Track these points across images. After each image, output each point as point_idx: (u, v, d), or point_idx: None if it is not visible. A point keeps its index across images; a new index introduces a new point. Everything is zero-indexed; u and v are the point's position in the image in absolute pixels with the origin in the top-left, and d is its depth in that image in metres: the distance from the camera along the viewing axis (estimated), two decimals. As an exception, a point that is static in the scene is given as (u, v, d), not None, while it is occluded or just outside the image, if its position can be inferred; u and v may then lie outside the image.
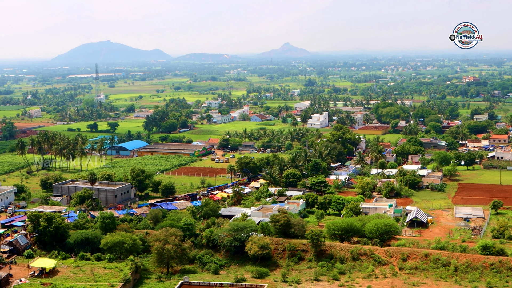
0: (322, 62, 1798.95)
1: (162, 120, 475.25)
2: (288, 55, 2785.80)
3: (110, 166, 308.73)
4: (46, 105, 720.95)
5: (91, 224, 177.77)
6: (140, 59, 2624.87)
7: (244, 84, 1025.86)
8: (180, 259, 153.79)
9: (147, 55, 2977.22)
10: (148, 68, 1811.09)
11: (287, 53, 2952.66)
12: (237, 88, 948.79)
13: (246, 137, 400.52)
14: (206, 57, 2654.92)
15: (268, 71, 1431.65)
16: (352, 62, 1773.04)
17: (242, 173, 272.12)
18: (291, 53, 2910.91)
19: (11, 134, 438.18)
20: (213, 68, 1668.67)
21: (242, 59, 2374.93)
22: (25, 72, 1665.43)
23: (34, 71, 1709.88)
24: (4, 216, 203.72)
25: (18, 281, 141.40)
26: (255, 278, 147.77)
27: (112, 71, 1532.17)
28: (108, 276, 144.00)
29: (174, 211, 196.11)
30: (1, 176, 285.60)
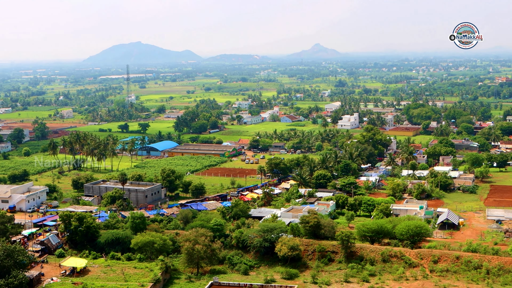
0: (352, 63, 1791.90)
1: (193, 121, 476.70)
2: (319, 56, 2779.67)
3: (140, 167, 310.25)
4: (77, 105, 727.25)
5: (122, 224, 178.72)
6: (171, 60, 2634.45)
7: (274, 85, 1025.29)
8: (210, 260, 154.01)
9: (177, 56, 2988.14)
10: (179, 69, 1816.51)
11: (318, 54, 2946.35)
12: (267, 89, 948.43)
13: (276, 138, 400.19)
14: (237, 58, 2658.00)
15: (299, 72, 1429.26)
16: (383, 62, 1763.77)
17: (272, 174, 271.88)
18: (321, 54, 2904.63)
19: (43, 134, 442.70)
20: (244, 69, 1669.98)
21: (272, 60, 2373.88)
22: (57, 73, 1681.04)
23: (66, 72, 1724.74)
24: (36, 216, 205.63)
25: (50, 280, 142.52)
26: (285, 279, 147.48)
27: (143, 72, 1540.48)
28: (138, 276, 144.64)
29: (204, 212, 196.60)
30: (34, 176, 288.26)
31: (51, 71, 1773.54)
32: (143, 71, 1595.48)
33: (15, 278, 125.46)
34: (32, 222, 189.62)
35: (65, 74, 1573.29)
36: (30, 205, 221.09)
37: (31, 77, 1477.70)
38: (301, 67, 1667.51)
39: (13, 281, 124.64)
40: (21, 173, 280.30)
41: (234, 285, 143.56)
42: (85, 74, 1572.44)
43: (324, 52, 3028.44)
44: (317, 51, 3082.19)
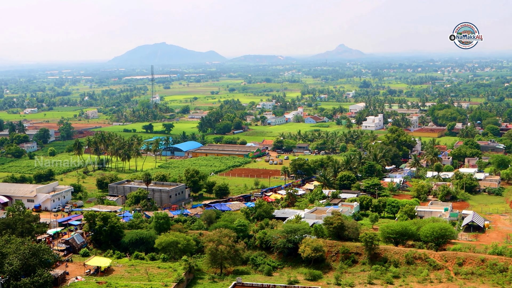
0: (377, 64, 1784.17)
1: (217, 121, 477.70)
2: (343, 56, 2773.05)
3: (165, 167, 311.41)
4: (102, 106, 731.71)
5: (146, 224, 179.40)
6: (195, 61, 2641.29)
7: (298, 85, 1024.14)
8: (233, 260, 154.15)
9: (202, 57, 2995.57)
10: (203, 69, 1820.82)
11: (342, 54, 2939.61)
12: (292, 89, 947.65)
13: (300, 138, 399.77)
14: (261, 58, 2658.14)
15: (323, 72, 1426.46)
16: (408, 63, 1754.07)
17: (296, 174, 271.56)
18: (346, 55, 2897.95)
19: (69, 134, 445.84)
20: (268, 70, 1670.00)
21: (296, 61, 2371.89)
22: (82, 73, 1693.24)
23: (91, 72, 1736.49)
24: (61, 215, 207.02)
25: (74, 279, 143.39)
26: (308, 281, 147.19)
27: (167, 73, 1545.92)
28: (162, 275, 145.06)
29: (228, 212, 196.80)
30: (59, 176, 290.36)
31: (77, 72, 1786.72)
32: (167, 72, 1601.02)
33: (40, 277, 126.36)
34: (57, 221, 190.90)
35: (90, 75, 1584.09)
36: (55, 204, 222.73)
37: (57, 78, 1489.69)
38: (326, 67, 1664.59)
39: (38, 280, 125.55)
40: (47, 172, 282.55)
41: (257, 286, 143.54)
42: (110, 75, 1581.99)
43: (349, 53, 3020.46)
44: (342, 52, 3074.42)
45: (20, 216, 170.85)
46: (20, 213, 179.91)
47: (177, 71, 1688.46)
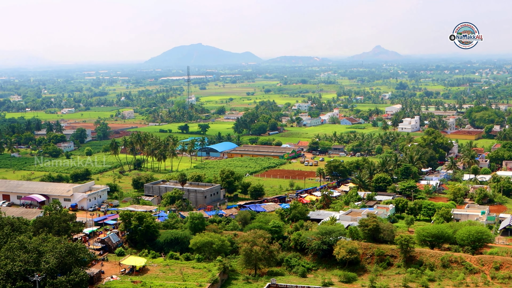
0: (414, 65, 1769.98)
1: (252, 122, 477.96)
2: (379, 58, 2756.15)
3: (200, 167, 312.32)
4: (138, 106, 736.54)
5: (181, 224, 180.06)
6: (231, 62, 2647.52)
7: (334, 87, 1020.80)
8: (268, 261, 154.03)
9: (238, 58, 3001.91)
10: (239, 70, 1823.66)
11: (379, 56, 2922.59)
12: (327, 91, 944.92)
13: (336, 140, 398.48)
14: (297, 60, 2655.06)
15: (359, 74, 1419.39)
16: (445, 65, 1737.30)
17: (331, 176, 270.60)
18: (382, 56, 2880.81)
19: (105, 134, 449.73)
20: (303, 71, 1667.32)
21: (332, 62, 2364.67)
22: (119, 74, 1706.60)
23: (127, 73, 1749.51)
24: (97, 214, 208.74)
25: (110, 278, 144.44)
26: (343, 283, 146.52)
27: (203, 74, 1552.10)
28: (196, 276, 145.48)
29: (263, 213, 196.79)
30: (95, 175, 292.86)
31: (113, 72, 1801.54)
32: (203, 73, 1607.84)
33: (76, 275, 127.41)
34: (93, 220, 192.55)
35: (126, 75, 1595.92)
36: (91, 204, 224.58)
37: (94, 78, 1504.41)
38: (362, 69, 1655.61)
39: (74, 278, 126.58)
40: (83, 172, 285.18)
41: (291, 287, 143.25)
42: (146, 75, 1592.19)
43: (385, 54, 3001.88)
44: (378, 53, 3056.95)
45: (57, 215, 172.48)
46: (56, 212, 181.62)
47: (213, 72, 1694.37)
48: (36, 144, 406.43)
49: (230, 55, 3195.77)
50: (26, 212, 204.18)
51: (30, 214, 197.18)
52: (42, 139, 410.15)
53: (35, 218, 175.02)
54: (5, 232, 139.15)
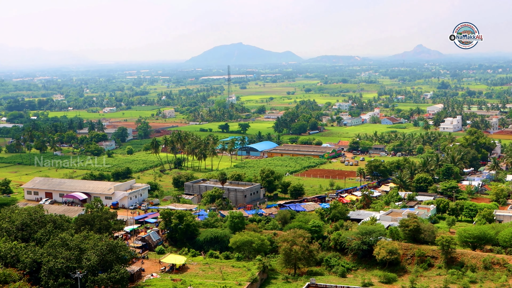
0: (456, 65, 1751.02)
1: (292, 121, 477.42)
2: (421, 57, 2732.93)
3: (240, 166, 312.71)
4: (179, 105, 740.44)
5: (221, 223, 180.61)
6: (271, 61, 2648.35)
7: (375, 86, 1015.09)
8: (307, 261, 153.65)
9: (278, 57, 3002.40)
10: (279, 70, 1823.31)
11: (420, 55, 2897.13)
12: (368, 90, 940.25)
13: (377, 140, 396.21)
14: (337, 59, 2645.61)
15: (400, 73, 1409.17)
16: (488, 64, 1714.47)
17: (372, 176, 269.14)
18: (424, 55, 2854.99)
19: (146, 133, 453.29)
20: (344, 70, 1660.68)
21: (373, 61, 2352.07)
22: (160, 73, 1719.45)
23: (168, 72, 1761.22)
24: (137, 213, 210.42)
25: (150, 276, 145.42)
26: (383, 283, 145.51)
27: (244, 73, 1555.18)
28: (236, 274, 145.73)
29: (303, 213, 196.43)
30: (136, 174, 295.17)
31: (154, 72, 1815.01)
32: (243, 72, 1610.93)
33: (117, 273, 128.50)
34: (133, 218, 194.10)
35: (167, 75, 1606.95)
36: (132, 202, 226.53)
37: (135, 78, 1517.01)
38: (403, 68, 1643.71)
39: (115, 276, 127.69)
40: (124, 170, 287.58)
41: (331, 287, 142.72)
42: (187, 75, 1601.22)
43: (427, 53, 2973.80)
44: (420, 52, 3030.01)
45: (98, 213, 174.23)
46: (98, 210, 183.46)
47: (254, 71, 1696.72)
48: (78, 142, 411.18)
49: (270, 54, 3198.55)
50: (68, 209, 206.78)
51: (72, 212, 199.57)
52: (84, 138, 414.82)
53: (77, 216, 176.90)
54: (47, 230, 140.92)
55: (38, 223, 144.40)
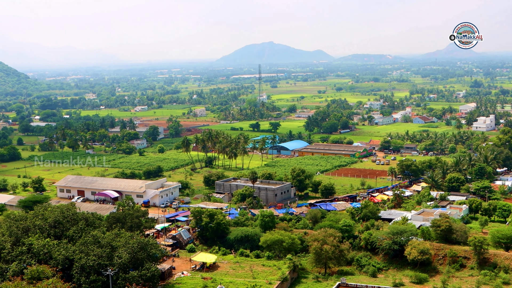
0: (489, 63, 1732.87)
1: (323, 120, 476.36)
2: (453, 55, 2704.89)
3: (271, 165, 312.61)
4: (210, 104, 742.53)
5: (251, 222, 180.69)
6: (302, 60, 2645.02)
7: (406, 85, 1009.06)
8: (338, 260, 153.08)
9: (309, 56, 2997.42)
10: (310, 69, 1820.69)
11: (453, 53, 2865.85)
12: (400, 89, 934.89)
13: (408, 139, 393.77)
14: (369, 58, 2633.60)
15: (432, 72, 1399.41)
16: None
17: (403, 175, 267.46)
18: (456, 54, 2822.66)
19: (177, 132, 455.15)
20: (375, 69, 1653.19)
21: (405, 60, 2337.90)
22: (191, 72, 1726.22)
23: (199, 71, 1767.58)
24: (168, 211, 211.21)
25: (180, 274, 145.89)
26: (414, 284, 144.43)
27: (275, 72, 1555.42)
28: (266, 273, 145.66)
29: (333, 212, 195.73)
30: (167, 172, 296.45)
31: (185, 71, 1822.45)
32: (274, 71, 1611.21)
33: (148, 270, 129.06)
34: (164, 217, 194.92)
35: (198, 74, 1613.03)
36: (163, 200, 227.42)
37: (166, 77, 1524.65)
38: (435, 67, 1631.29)
39: (146, 273, 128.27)
40: (155, 169, 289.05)
41: (361, 287, 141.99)
42: (218, 74, 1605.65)
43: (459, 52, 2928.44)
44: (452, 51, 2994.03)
45: (130, 211, 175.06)
46: (129, 208, 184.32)
47: (284, 70, 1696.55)
48: (110, 141, 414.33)
49: (301, 53, 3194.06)
50: (100, 207, 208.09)
51: (103, 210, 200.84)
52: (115, 136, 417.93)
53: (109, 214, 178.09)
54: (79, 227, 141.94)
55: (70, 221, 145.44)
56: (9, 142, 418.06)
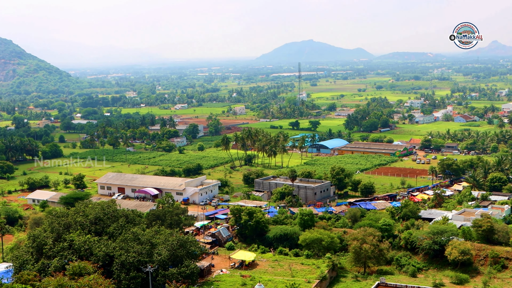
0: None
1: (363, 119, 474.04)
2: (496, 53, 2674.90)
3: (310, 164, 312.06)
4: (250, 102, 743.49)
5: (290, 220, 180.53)
6: (342, 58, 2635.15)
7: (448, 83, 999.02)
8: (377, 260, 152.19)
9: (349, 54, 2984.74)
10: (350, 67, 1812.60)
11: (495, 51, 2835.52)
12: (441, 87, 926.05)
13: (449, 138, 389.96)
14: (409, 55, 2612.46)
15: (474, 70, 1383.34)
16: None
17: (444, 175, 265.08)
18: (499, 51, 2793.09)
19: (217, 130, 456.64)
20: (416, 67, 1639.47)
21: (446, 58, 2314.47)
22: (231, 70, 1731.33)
23: (239, 69, 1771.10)
24: (207, 209, 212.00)
25: (219, 272, 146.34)
26: (454, 284, 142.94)
27: (314, 70, 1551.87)
28: (305, 272, 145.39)
29: (373, 211, 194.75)
30: (207, 170, 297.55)
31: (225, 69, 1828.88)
32: (314, 69, 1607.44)
33: (187, 268, 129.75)
34: (204, 214, 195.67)
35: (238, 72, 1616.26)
36: (203, 198, 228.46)
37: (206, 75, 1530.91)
38: (477, 65, 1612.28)
39: (185, 271, 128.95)
40: (195, 167, 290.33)
41: (401, 287, 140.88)
42: (257, 72, 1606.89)
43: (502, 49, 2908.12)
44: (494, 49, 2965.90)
45: (169, 208, 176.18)
46: (169, 205, 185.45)
47: (324, 68, 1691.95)
48: (150, 139, 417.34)
49: (341, 51, 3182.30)
50: (140, 205, 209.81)
51: (143, 207, 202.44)
52: (156, 134, 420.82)
53: (149, 211, 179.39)
54: (120, 224, 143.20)
55: (110, 218, 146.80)
56: (51, 139, 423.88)
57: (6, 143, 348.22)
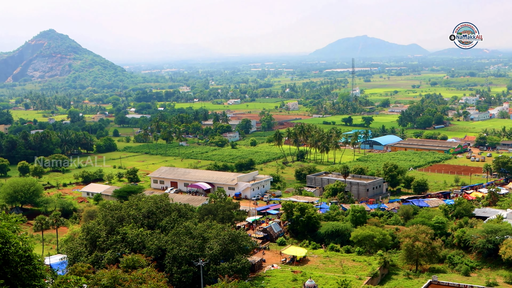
0: None
1: (417, 115, 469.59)
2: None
3: (363, 160, 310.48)
4: (302, 98, 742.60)
5: (342, 217, 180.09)
6: (396, 54, 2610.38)
7: (504, 80, 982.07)
8: (430, 258, 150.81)
9: (403, 50, 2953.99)
10: (404, 63, 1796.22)
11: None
12: (497, 84, 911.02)
13: (505, 135, 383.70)
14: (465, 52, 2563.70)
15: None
16: None
17: (499, 173, 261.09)
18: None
19: (269, 125, 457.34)
20: (472, 64, 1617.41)
21: (503, 54, 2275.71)
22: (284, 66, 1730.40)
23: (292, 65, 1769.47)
24: (259, 204, 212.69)
25: (270, 267, 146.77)
26: (508, 284, 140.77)
27: (368, 66, 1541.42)
28: (356, 269, 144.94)
29: (426, 208, 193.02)
30: (259, 165, 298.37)
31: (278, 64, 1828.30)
32: (368, 65, 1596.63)
33: (238, 262, 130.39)
34: (256, 209, 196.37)
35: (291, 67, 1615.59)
36: (255, 193, 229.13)
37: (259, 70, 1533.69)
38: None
39: (236, 265, 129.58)
40: (247, 162, 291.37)
41: (453, 286, 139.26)
42: (310, 67, 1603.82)
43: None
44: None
45: (222, 203, 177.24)
46: (221, 200, 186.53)
47: (378, 64, 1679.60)
48: (203, 133, 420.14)
49: (395, 47, 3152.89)
50: (192, 199, 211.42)
51: (196, 201, 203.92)
52: (208, 129, 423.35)
53: (201, 205, 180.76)
54: (172, 218, 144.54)
55: (163, 211, 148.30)
56: (105, 133, 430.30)
57: (61, 137, 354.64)
